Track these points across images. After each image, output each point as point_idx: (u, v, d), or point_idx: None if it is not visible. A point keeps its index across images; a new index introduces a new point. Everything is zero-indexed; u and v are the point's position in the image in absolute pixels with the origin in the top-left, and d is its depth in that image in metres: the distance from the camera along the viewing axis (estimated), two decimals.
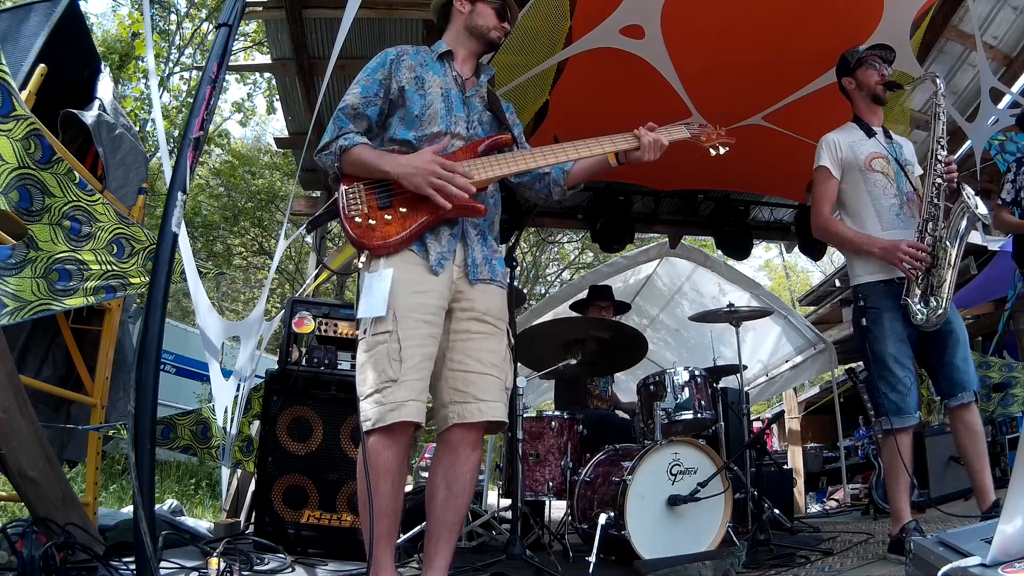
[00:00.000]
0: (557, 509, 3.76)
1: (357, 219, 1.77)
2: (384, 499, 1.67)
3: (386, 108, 1.93)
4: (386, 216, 1.78)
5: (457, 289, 1.84)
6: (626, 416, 4.20)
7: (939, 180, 2.43)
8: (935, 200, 2.43)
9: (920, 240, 2.42)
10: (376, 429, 1.67)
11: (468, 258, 1.86)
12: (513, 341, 1.97)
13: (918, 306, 2.38)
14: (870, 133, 2.66)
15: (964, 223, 2.36)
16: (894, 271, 2.44)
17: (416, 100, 1.90)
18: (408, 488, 3.50)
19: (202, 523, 3.87)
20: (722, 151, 2.10)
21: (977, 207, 2.34)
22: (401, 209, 1.79)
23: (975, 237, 4.99)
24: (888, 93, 2.68)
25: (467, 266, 1.85)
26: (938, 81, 2.55)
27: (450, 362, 1.81)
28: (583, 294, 4.95)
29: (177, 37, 12.06)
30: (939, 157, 2.45)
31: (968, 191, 2.37)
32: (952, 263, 2.36)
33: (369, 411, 1.69)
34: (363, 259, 1.83)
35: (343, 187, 1.82)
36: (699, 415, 3.11)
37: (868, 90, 2.68)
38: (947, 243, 2.37)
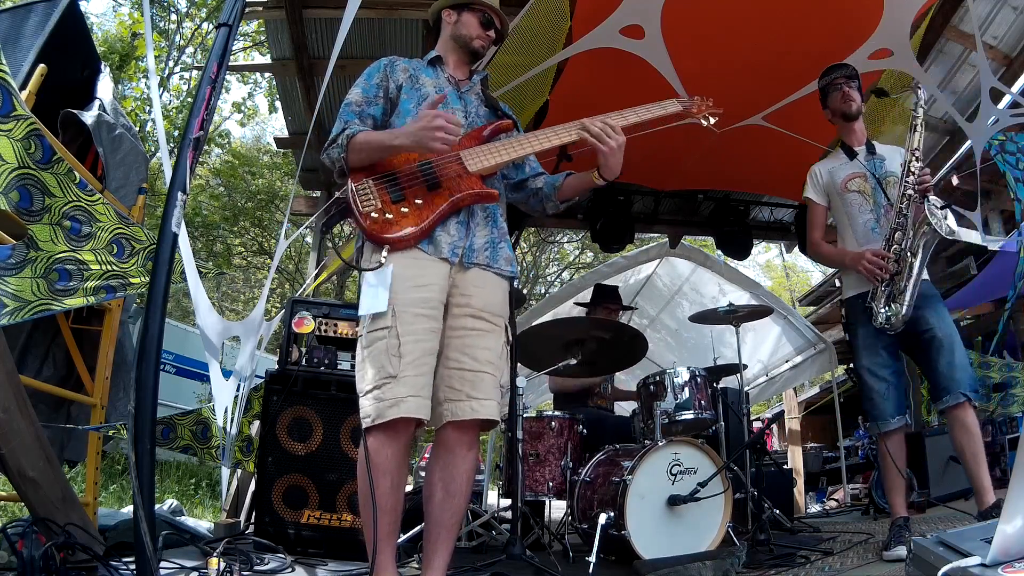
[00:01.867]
0: (557, 509, 3.75)
1: (373, 215, 1.74)
2: (384, 497, 1.65)
3: (388, 108, 1.96)
4: (402, 209, 1.76)
5: (454, 284, 1.83)
6: (626, 414, 4.20)
7: (910, 191, 2.51)
8: (904, 211, 2.52)
9: (887, 248, 2.52)
10: (375, 426, 1.66)
11: (468, 243, 1.85)
12: (511, 338, 1.97)
13: (881, 309, 2.50)
14: (852, 155, 2.80)
15: (924, 240, 2.47)
16: (870, 284, 2.56)
17: (413, 95, 1.95)
18: (408, 488, 3.50)
19: (202, 523, 3.87)
20: (712, 121, 2.14)
21: (946, 219, 2.44)
22: (416, 201, 1.78)
23: (975, 237, 4.99)
24: (855, 106, 2.77)
25: (464, 250, 1.84)
26: (920, 92, 2.61)
27: (446, 359, 1.80)
28: (587, 293, 4.94)
29: (177, 37, 12.06)
30: (912, 169, 2.54)
31: (932, 208, 2.45)
32: (915, 274, 2.47)
33: (368, 408, 1.68)
34: (382, 255, 1.76)
35: (351, 184, 1.78)
36: (699, 415, 3.11)
37: (838, 111, 2.81)
38: (908, 253, 2.48)
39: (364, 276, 1.75)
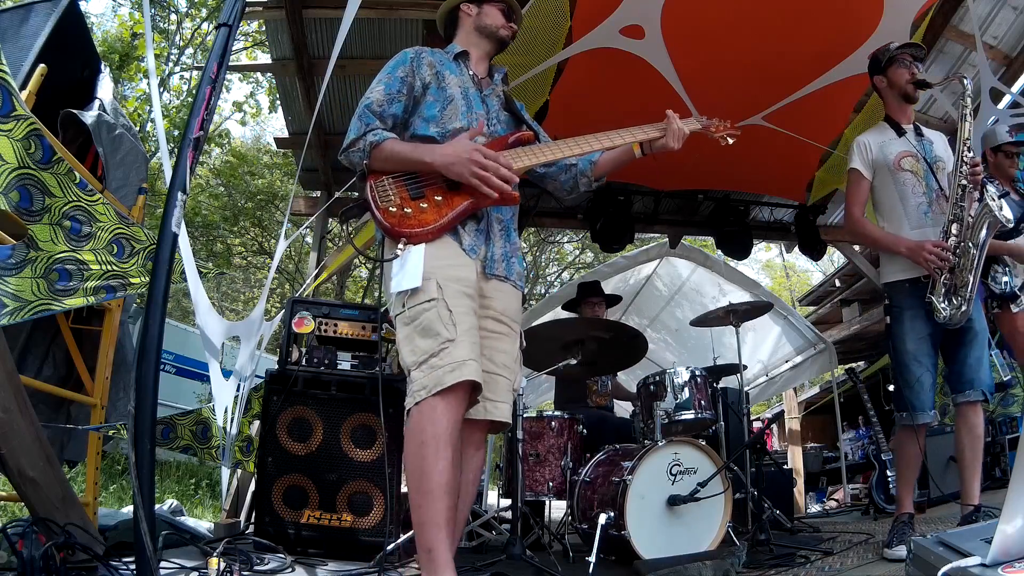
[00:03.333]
0: (557, 509, 3.76)
1: (391, 209, 1.73)
2: (442, 475, 1.49)
3: (410, 105, 1.92)
4: (421, 205, 1.75)
5: (478, 285, 1.82)
6: (626, 414, 4.21)
7: (964, 182, 2.44)
8: (960, 202, 2.45)
9: (945, 239, 2.44)
10: (433, 395, 1.55)
11: (488, 253, 1.85)
12: (524, 344, 1.98)
13: (942, 304, 2.41)
14: (900, 132, 2.67)
15: (986, 229, 2.39)
16: (920, 270, 2.47)
17: (439, 97, 1.91)
18: (406, 489, 3.49)
19: (202, 523, 3.87)
20: (731, 141, 2.19)
21: (1001, 209, 2.36)
22: (436, 197, 1.77)
23: None
24: (918, 91, 2.68)
25: (484, 260, 1.84)
26: (966, 82, 2.54)
27: None
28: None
29: (178, 37, 12.06)
30: (965, 159, 2.46)
31: (991, 193, 2.39)
32: (975, 264, 2.39)
33: (422, 379, 1.58)
34: (400, 247, 1.72)
35: (370, 182, 1.77)
36: (699, 415, 3.11)
37: (899, 88, 2.68)
38: (970, 244, 2.39)
39: (389, 266, 1.73)
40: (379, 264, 1.79)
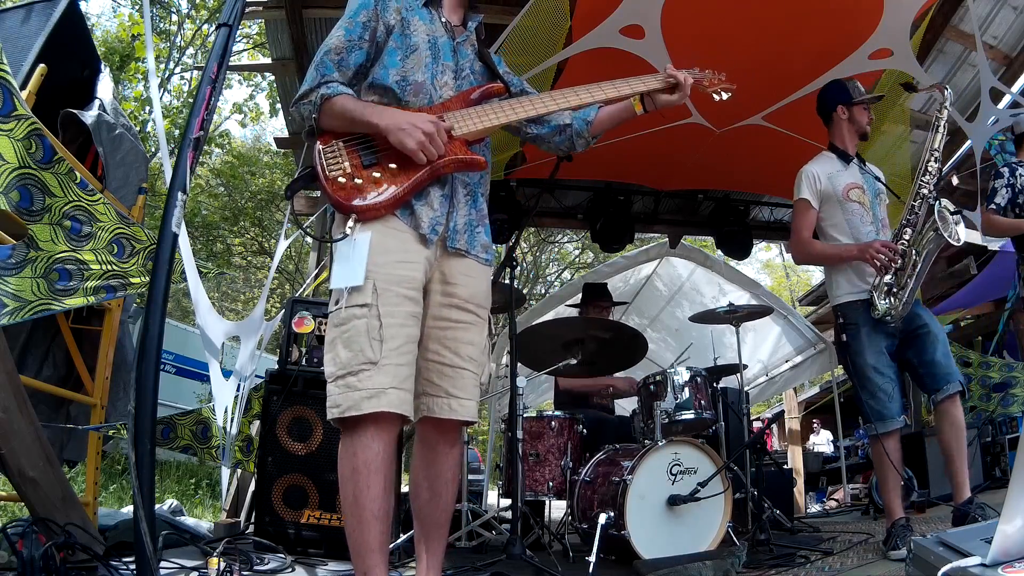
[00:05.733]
0: (557, 509, 3.76)
1: (340, 179, 1.55)
2: (375, 502, 1.45)
3: (372, 52, 1.74)
4: (374, 174, 1.58)
5: (437, 268, 1.67)
6: (626, 414, 4.20)
7: (925, 191, 2.53)
8: (916, 209, 2.53)
9: (895, 241, 2.53)
10: (362, 418, 1.46)
11: (451, 224, 1.68)
12: (495, 330, 1.91)
13: (881, 300, 2.50)
14: (847, 160, 2.79)
15: (933, 245, 2.48)
16: (867, 292, 2.57)
17: (401, 44, 1.73)
18: (406, 488, 3.49)
19: (202, 523, 3.88)
20: (725, 96, 2.05)
21: (953, 228, 2.44)
22: (391, 165, 1.59)
23: (975, 237, 4.99)
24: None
25: (446, 234, 1.67)
26: (946, 92, 2.64)
27: (424, 350, 1.64)
28: (579, 295, 4.95)
29: (178, 37, 12.06)
30: (929, 169, 2.55)
31: (943, 212, 2.46)
32: (917, 272, 2.48)
33: (338, 396, 1.47)
34: (350, 224, 1.57)
35: (319, 145, 1.61)
36: (699, 415, 3.11)
37: (859, 128, 2.83)
38: (914, 252, 2.49)
39: (336, 246, 1.59)
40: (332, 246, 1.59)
